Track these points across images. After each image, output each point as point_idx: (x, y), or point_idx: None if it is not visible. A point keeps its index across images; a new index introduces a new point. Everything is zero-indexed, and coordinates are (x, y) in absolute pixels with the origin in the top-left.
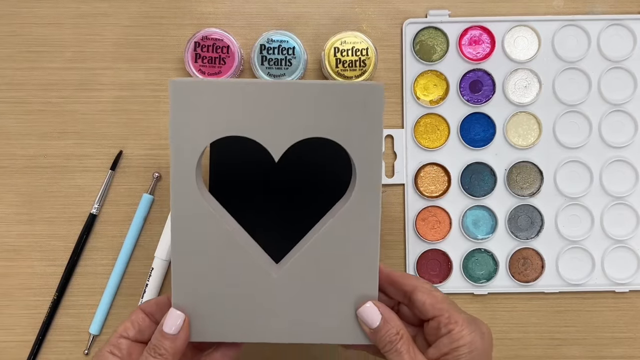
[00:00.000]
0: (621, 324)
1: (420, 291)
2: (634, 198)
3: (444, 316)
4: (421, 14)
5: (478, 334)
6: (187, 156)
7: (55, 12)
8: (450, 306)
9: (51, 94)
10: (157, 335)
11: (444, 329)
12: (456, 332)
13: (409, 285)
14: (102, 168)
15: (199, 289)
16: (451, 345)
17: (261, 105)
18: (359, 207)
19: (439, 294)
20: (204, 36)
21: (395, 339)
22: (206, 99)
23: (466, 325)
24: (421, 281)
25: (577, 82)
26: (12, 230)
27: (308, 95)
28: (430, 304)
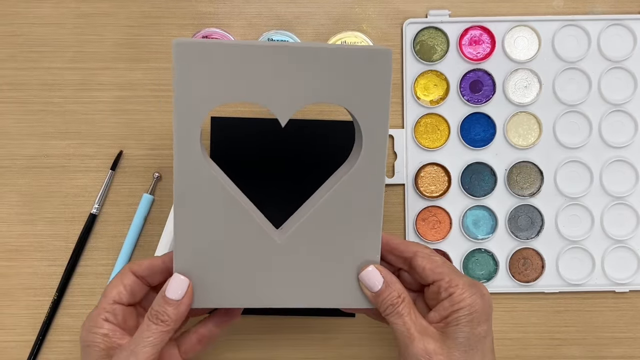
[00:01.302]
0: (621, 324)
1: (420, 256)
2: (634, 198)
3: (445, 280)
4: (421, 14)
5: (478, 296)
6: (190, 120)
7: (55, 12)
8: (450, 270)
9: (52, 94)
10: (160, 301)
11: (445, 293)
12: (457, 294)
13: (409, 252)
14: (102, 168)
15: (201, 255)
16: (452, 307)
17: (268, 68)
18: (364, 172)
19: (439, 258)
20: (204, 36)
21: (397, 302)
22: (211, 61)
23: (467, 288)
24: (421, 246)
25: (577, 82)
26: (13, 230)
27: (316, 59)
28: (430, 268)
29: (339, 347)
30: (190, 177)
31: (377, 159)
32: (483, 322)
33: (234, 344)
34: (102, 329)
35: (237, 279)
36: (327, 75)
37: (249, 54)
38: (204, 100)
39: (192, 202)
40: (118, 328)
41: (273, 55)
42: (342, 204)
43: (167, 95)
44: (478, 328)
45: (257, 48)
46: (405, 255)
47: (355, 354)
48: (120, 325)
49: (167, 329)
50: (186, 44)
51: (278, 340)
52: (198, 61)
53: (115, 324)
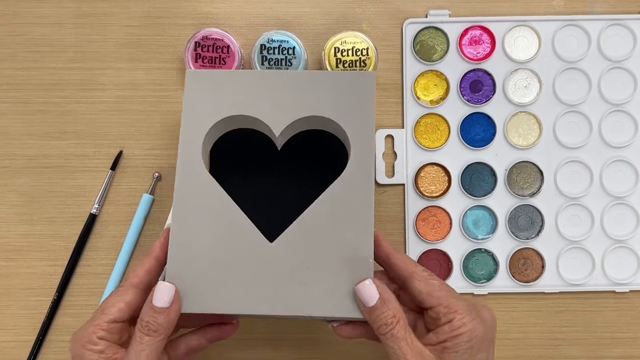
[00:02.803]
0: (621, 324)
1: (416, 279)
2: (634, 198)
3: (443, 305)
4: (421, 14)
5: (479, 321)
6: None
7: (56, 12)
8: (448, 294)
9: (52, 94)
10: (149, 311)
11: (444, 319)
12: (457, 320)
13: (406, 272)
14: (102, 168)
15: (195, 260)
16: (452, 332)
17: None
18: (352, 176)
19: (436, 281)
20: (204, 36)
21: (391, 321)
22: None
23: (467, 313)
24: (419, 268)
25: (577, 82)
26: (13, 230)
27: (307, 82)
28: (427, 292)
29: (341, 347)
30: (191, 184)
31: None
32: (484, 349)
33: (236, 344)
34: (97, 346)
35: (229, 286)
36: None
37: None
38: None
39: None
40: (114, 344)
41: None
42: (332, 207)
43: (167, 95)
44: (478, 355)
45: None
46: (402, 275)
47: (357, 355)
48: (116, 342)
49: (159, 339)
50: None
51: (280, 340)
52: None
53: (112, 341)
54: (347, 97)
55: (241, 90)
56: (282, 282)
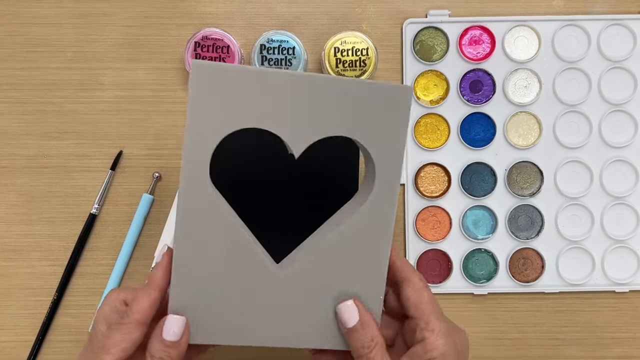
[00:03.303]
0: (621, 324)
1: (409, 286)
2: (634, 198)
3: (423, 320)
4: (421, 14)
5: (451, 345)
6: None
7: (55, 12)
8: (432, 311)
9: (51, 94)
10: (158, 345)
11: (419, 335)
12: (430, 341)
13: (401, 276)
14: (102, 168)
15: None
16: (424, 355)
17: (284, 98)
18: (374, 212)
19: (427, 294)
20: (204, 36)
21: (369, 345)
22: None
23: (441, 335)
24: (415, 275)
25: (577, 82)
26: (12, 230)
27: (334, 92)
28: (414, 302)
29: None
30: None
31: (388, 198)
32: None
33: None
34: None
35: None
36: (344, 108)
37: (267, 81)
38: (217, 126)
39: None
40: None
41: (290, 85)
42: (348, 243)
43: (167, 95)
44: None
45: (275, 75)
46: (397, 277)
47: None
48: None
49: None
50: (205, 65)
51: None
52: (215, 84)
53: None
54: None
55: (257, 96)
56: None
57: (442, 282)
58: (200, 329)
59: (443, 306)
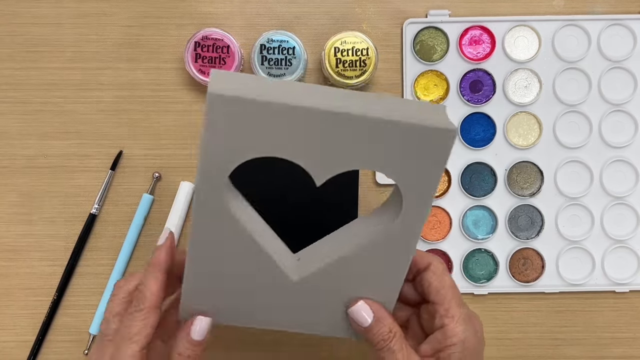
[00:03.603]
0: (621, 324)
1: (431, 271)
2: (634, 198)
3: (443, 307)
4: (421, 14)
5: (471, 332)
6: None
7: (55, 11)
8: (453, 296)
9: (51, 94)
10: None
11: (439, 321)
12: (450, 328)
13: (423, 263)
14: (102, 168)
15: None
16: (444, 342)
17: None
18: (399, 235)
19: (448, 279)
20: (204, 36)
21: (388, 337)
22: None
23: (461, 322)
24: (436, 260)
25: (577, 82)
26: (12, 230)
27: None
28: (435, 287)
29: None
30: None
31: (413, 228)
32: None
33: (236, 345)
34: None
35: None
36: (376, 145)
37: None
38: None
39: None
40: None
41: (316, 119)
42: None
43: (167, 95)
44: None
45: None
46: (419, 266)
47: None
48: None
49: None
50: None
51: (280, 340)
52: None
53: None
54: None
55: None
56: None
57: None
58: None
59: None
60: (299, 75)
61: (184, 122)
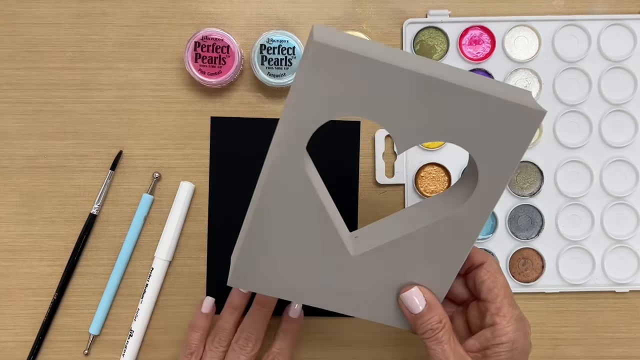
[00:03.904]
0: (621, 324)
1: (485, 269)
2: (634, 198)
3: (495, 305)
4: (421, 13)
5: (522, 334)
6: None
7: (54, 11)
8: (505, 295)
9: (51, 94)
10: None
11: (489, 319)
12: (501, 327)
13: (478, 260)
14: (102, 168)
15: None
16: (493, 340)
17: (403, 93)
18: (466, 219)
19: (501, 278)
20: (204, 36)
21: (437, 327)
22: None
23: (512, 322)
24: (491, 258)
25: (578, 82)
26: (12, 230)
27: (459, 99)
28: (488, 286)
29: (340, 347)
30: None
31: (483, 210)
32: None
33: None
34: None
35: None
36: (465, 117)
37: (389, 74)
38: (325, 109)
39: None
40: None
41: (413, 82)
42: (428, 242)
43: (167, 95)
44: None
45: (400, 71)
46: (473, 262)
47: (356, 354)
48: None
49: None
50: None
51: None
52: (335, 66)
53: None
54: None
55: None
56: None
57: None
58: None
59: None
60: None
61: (184, 122)
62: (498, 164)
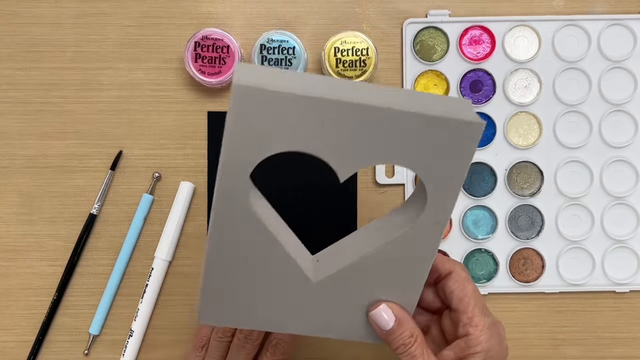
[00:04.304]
0: (621, 324)
1: (453, 278)
2: (634, 198)
3: (466, 315)
4: (421, 13)
5: (496, 341)
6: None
7: (55, 11)
8: (476, 303)
9: (51, 94)
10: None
11: (462, 330)
12: (474, 337)
13: (445, 269)
14: (102, 168)
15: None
16: (468, 350)
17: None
18: (421, 235)
19: (471, 287)
20: (204, 36)
21: (409, 341)
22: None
23: (485, 330)
24: (458, 266)
25: (578, 82)
26: (12, 230)
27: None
28: (458, 295)
29: (339, 347)
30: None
31: (436, 226)
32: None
33: None
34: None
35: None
36: (400, 138)
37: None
38: (258, 148)
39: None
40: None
41: (342, 112)
42: (388, 260)
43: (167, 95)
44: None
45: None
46: (440, 272)
47: (356, 354)
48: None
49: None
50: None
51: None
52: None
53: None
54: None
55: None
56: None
57: None
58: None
59: None
60: None
61: (184, 122)
62: (444, 180)
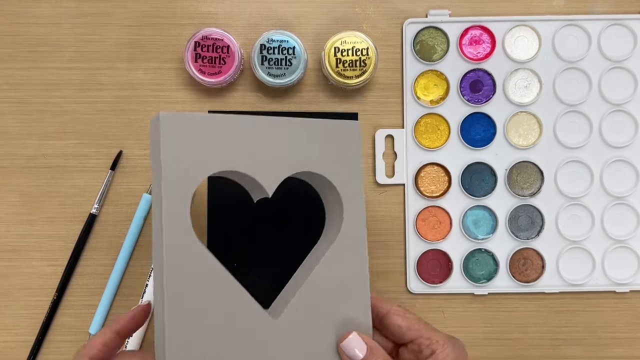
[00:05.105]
0: (621, 324)
1: (394, 314)
2: (634, 198)
3: (424, 337)
4: (421, 13)
5: (460, 350)
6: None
7: (55, 11)
8: (426, 326)
9: (51, 94)
10: None
11: (427, 350)
12: (440, 351)
13: (383, 308)
14: (102, 168)
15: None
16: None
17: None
18: (348, 241)
19: (412, 315)
20: (204, 36)
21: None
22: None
23: (448, 343)
24: (393, 304)
25: (578, 82)
26: (12, 230)
27: (294, 132)
28: (406, 326)
29: None
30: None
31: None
32: None
33: None
34: None
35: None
36: (306, 146)
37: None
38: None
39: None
40: None
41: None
42: (329, 279)
43: (167, 95)
44: None
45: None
46: (379, 311)
47: None
48: None
49: None
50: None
51: None
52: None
53: None
54: (336, 149)
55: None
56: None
57: (443, 282)
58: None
59: (443, 306)
60: (299, 75)
61: None
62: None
